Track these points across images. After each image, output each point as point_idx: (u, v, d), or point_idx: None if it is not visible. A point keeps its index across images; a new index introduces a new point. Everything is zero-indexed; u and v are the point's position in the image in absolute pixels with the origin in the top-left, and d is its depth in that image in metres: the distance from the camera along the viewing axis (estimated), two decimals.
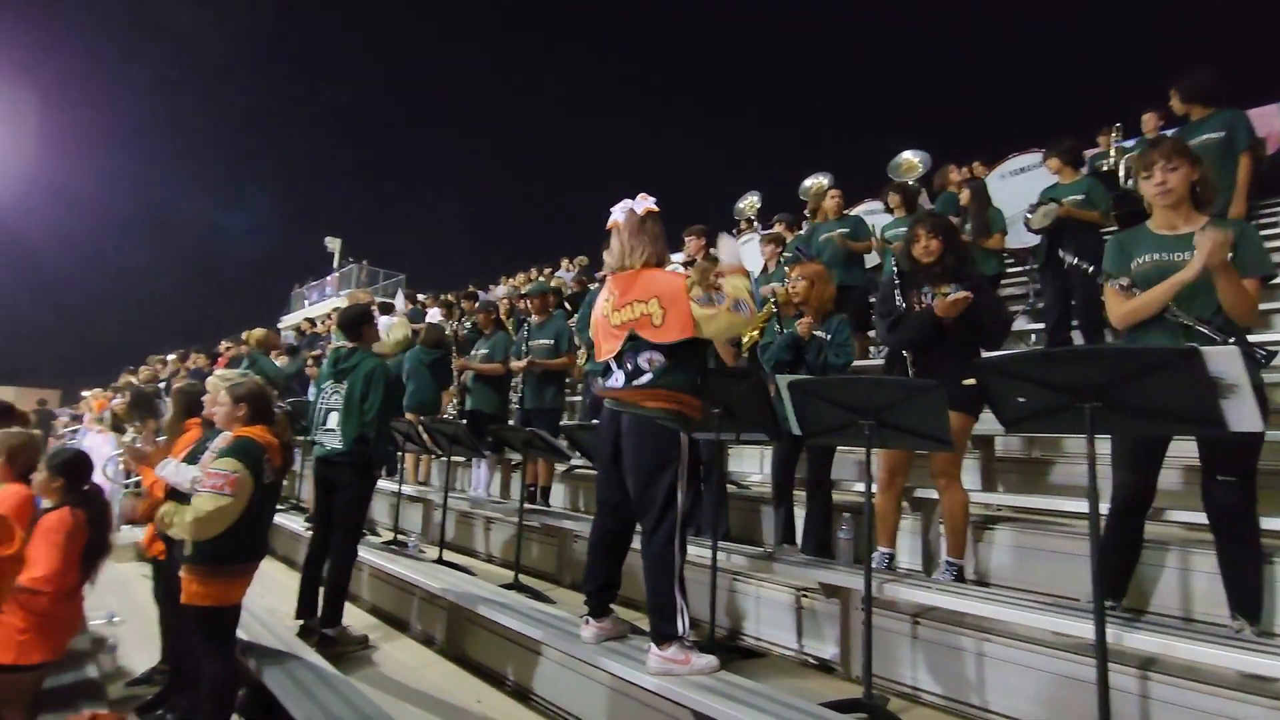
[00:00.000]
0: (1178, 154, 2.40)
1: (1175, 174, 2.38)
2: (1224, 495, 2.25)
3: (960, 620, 2.52)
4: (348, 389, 3.72)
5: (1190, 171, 2.39)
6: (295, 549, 5.55)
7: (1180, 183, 2.38)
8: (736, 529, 4.10)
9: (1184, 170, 2.38)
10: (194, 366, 8.67)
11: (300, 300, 25.21)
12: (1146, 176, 2.44)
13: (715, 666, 2.32)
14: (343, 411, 3.68)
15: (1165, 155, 2.40)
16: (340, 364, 3.80)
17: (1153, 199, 2.46)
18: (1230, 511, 2.26)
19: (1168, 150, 2.42)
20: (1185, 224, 2.40)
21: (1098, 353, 2.08)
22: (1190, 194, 2.40)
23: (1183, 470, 3.21)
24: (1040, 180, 5.94)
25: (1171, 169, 2.38)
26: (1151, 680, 2.08)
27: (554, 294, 5.86)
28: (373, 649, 3.64)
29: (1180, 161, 2.38)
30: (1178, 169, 2.38)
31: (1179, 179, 2.38)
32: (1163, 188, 2.40)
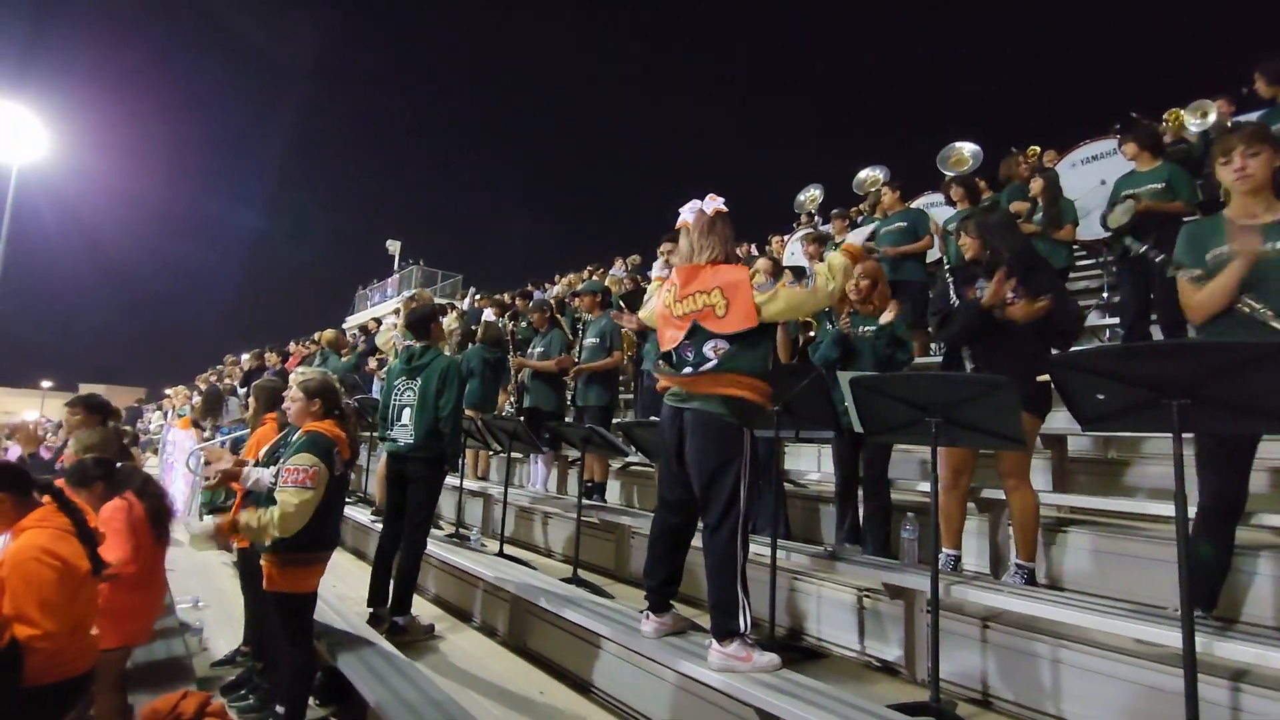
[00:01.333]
0: (1259, 139, 2.30)
1: (1256, 159, 2.29)
2: None
3: (1034, 625, 2.44)
4: (422, 385, 3.85)
5: (1273, 157, 2.29)
6: (362, 540, 5.77)
7: (1261, 168, 2.28)
8: (796, 528, 4.06)
9: (1266, 155, 2.28)
10: (268, 365, 9.09)
11: (364, 301, 26.11)
12: (1225, 162, 2.35)
13: (778, 665, 2.30)
14: (417, 407, 3.82)
15: (1246, 140, 2.30)
16: (414, 361, 3.94)
17: (1231, 185, 2.37)
18: None
19: (1248, 135, 2.32)
20: (1266, 212, 2.28)
21: (1188, 347, 1.98)
22: (1272, 181, 2.29)
23: (1271, 473, 3.03)
24: (1112, 167, 5.67)
25: (1253, 154, 2.29)
26: (1244, 692, 1.97)
27: (604, 293, 5.91)
28: (439, 638, 3.75)
29: (1261, 147, 2.28)
30: (1259, 154, 2.28)
31: (1260, 164, 2.28)
32: (1242, 173, 2.30)
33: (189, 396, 9.89)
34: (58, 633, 2.16)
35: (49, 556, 2.19)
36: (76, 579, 2.26)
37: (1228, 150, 2.34)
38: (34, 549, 2.18)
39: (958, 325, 2.98)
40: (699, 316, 2.46)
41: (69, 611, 2.23)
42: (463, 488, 5.35)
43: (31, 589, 2.12)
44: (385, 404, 3.98)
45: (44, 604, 2.13)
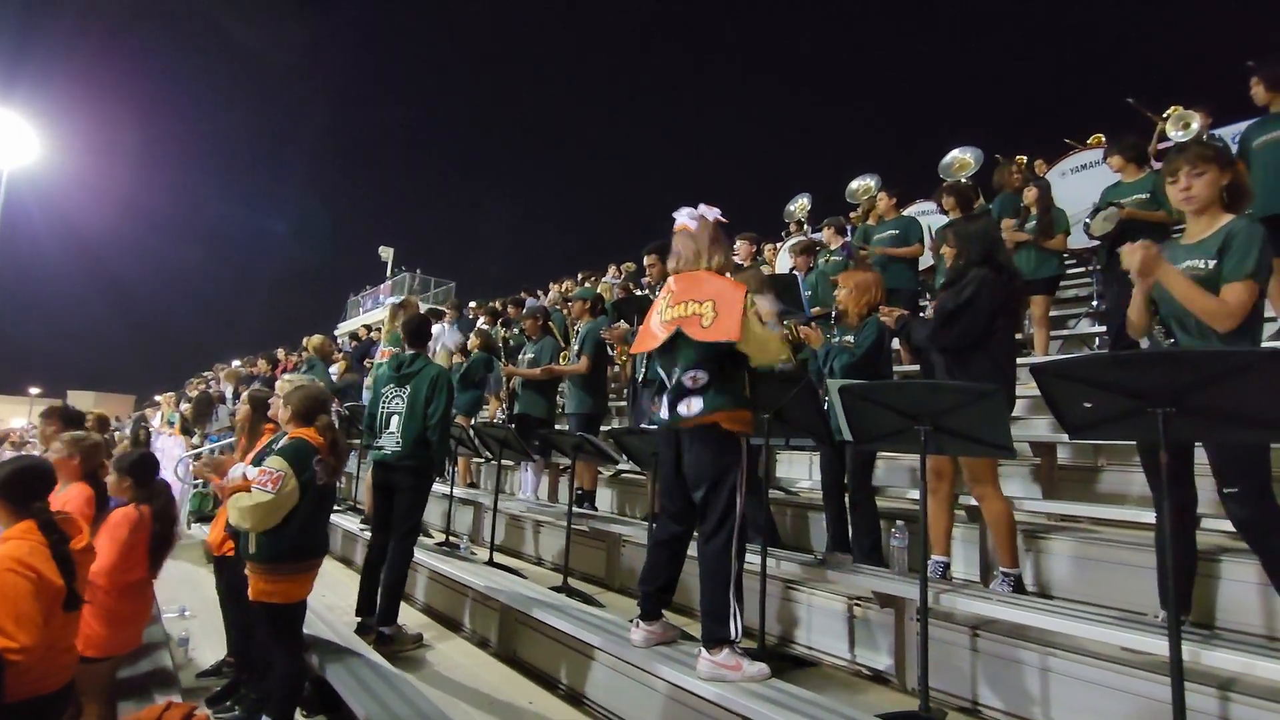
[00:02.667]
0: (1204, 159, 2.32)
1: (1201, 179, 2.32)
2: (1235, 509, 2.17)
3: (1022, 633, 2.44)
4: (411, 393, 3.83)
5: (1219, 176, 2.31)
6: (351, 548, 5.73)
7: (1205, 188, 2.31)
8: (786, 536, 4.05)
9: (1211, 175, 2.31)
10: (258, 373, 9.04)
11: (356, 308, 26.06)
12: (1172, 182, 2.38)
13: (767, 674, 2.30)
14: (405, 415, 3.80)
15: (1191, 160, 2.33)
16: (404, 369, 3.92)
17: (1178, 205, 2.41)
18: (1248, 525, 2.17)
19: (1193, 156, 2.34)
20: (1204, 231, 2.33)
21: (1174, 356, 1.99)
22: (1220, 198, 2.32)
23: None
24: (1100, 178, 5.72)
25: (1197, 174, 2.32)
26: (1232, 701, 1.98)
27: (597, 300, 5.91)
28: (427, 648, 3.72)
29: (1207, 166, 2.31)
30: (1204, 174, 2.31)
31: (1205, 185, 2.31)
32: (1187, 193, 2.34)
33: (178, 403, 9.82)
34: (32, 647, 2.12)
35: (23, 568, 2.15)
36: (50, 594, 2.23)
37: (1174, 170, 2.37)
38: (9, 560, 2.15)
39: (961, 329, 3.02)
40: (683, 323, 2.46)
41: (44, 626, 2.20)
42: (452, 496, 5.32)
43: (6, 601, 2.09)
44: (373, 411, 3.96)
45: (19, 617, 2.09)
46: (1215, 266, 2.23)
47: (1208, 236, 2.31)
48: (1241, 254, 2.19)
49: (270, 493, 2.59)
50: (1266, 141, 4.06)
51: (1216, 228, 2.31)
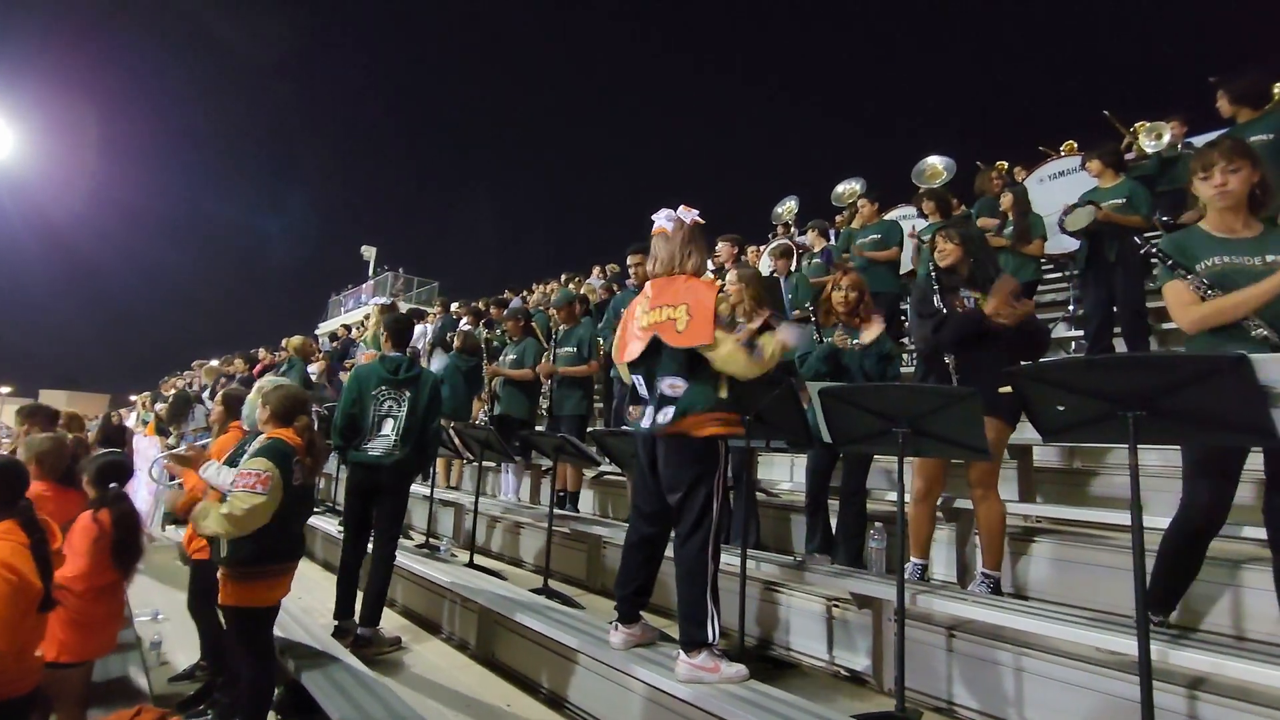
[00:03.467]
0: (1239, 154, 2.30)
1: (1237, 175, 2.29)
2: None
3: (998, 634, 2.46)
4: (412, 398, 3.80)
5: (1251, 174, 2.29)
6: (330, 551, 5.66)
7: (1241, 185, 2.28)
8: (767, 538, 4.06)
9: (1245, 172, 2.28)
10: (235, 372, 8.92)
11: (337, 307, 25.81)
12: (1205, 177, 2.33)
13: (745, 676, 2.30)
14: (405, 420, 3.77)
15: (1226, 156, 2.30)
16: (402, 373, 3.87)
17: (1210, 200, 2.35)
18: None
19: (1228, 150, 2.32)
20: (1244, 228, 2.30)
21: (1143, 360, 2.03)
22: (1249, 197, 2.31)
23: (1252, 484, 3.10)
24: (1078, 184, 5.81)
25: (1233, 170, 2.29)
26: (1200, 701, 2.01)
27: (581, 301, 5.89)
28: (405, 650, 3.69)
29: (1242, 163, 2.29)
30: (1239, 170, 2.28)
31: (1240, 181, 2.28)
32: (1223, 189, 2.30)
33: (153, 403, 9.66)
34: (5, 652, 2.08)
35: (6, 570, 2.11)
36: (30, 597, 2.18)
37: (1209, 165, 2.33)
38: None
39: (951, 331, 3.02)
40: (660, 329, 2.45)
41: (18, 629, 2.15)
42: (433, 497, 5.28)
43: None
44: (354, 412, 3.88)
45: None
46: None
47: (1265, 235, 2.25)
48: None
49: (262, 494, 2.54)
50: None
51: (1258, 229, 2.28)
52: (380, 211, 48.70)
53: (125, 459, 3.40)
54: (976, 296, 3.04)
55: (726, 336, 2.39)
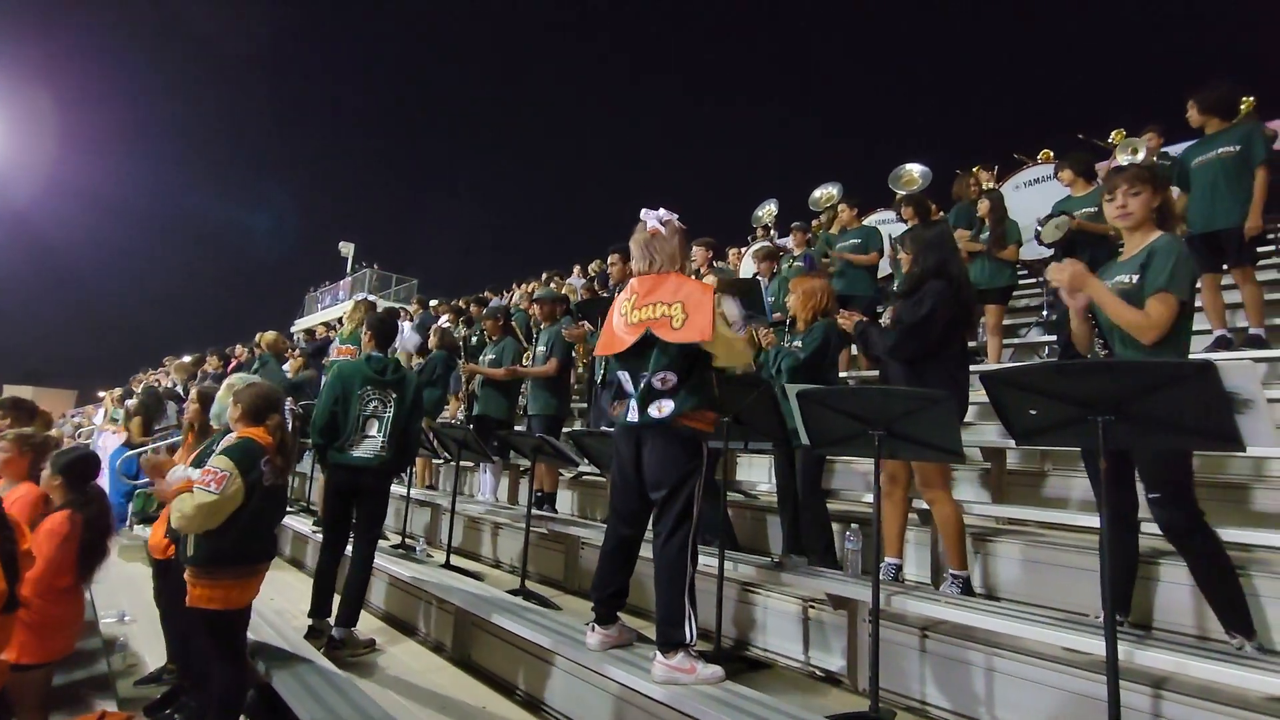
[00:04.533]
0: (1142, 180, 2.44)
1: (1136, 199, 2.43)
2: (1158, 512, 2.27)
3: (969, 634, 2.49)
4: (398, 400, 3.77)
5: (1153, 197, 2.43)
6: (303, 551, 5.59)
7: (1140, 208, 2.43)
8: (744, 539, 4.08)
9: (1146, 195, 2.42)
10: (208, 369, 8.76)
11: (314, 304, 25.46)
12: (1109, 200, 2.49)
13: (721, 676, 2.31)
14: (392, 421, 3.73)
15: (1129, 180, 2.45)
16: (389, 375, 3.82)
17: (1113, 222, 2.53)
18: (1171, 528, 2.27)
19: (1132, 175, 2.47)
20: (1136, 248, 2.45)
21: (1113, 366, 2.07)
22: (1153, 217, 2.45)
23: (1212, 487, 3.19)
24: (1051, 192, 5.92)
25: (1134, 194, 2.43)
26: (1165, 699, 2.05)
27: (562, 301, 5.88)
28: (379, 652, 3.65)
29: (1143, 187, 2.43)
30: (1140, 194, 2.43)
31: (1140, 204, 2.42)
32: (1124, 211, 2.45)
33: (122, 399, 9.45)
34: None
35: None
36: None
37: (1112, 189, 2.49)
38: None
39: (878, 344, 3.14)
40: (654, 324, 2.44)
41: None
42: (409, 497, 5.23)
43: None
44: (335, 411, 3.81)
45: None
46: (1139, 281, 2.34)
47: (1136, 253, 2.43)
48: (1160, 269, 2.31)
49: (214, 493, 2.49)
50: (1203, 162, 4.26)
51: (1145, 244, 2.42)
52: (359, 207, 48.17)
53: (95, 455, 3.33)
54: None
55: (731, 335, 2.47)
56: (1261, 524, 3.01)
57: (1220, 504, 3.17)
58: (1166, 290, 2.28)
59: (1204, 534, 2.27)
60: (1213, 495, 3.15)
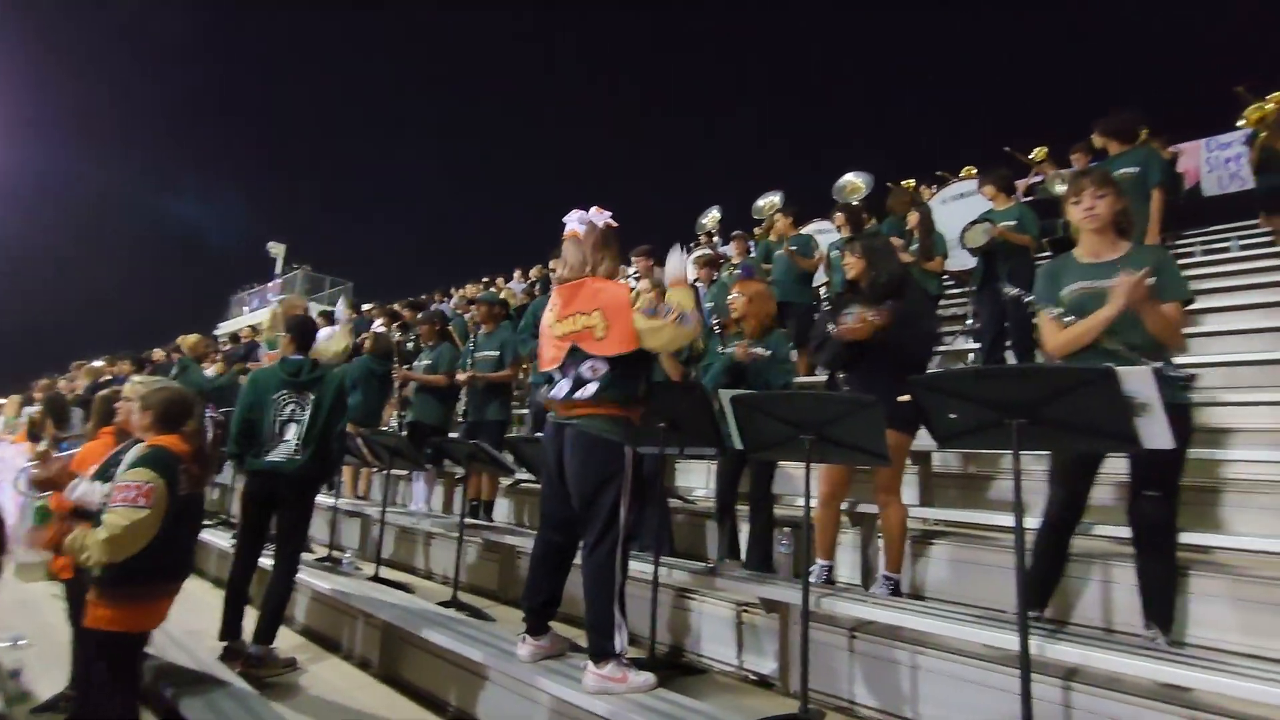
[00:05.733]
0: (1106, 183, 2.50)
1: (1103, 201, 2.48)
2: (1151, 510, 2.34)
3: (896, 634, 2.55)
4: (315, 402, 3.60)
5: (1116, 201, 2.49)
6: (223, 567, 5.29)
7: (1107, 209, 2.48)
8: (682, 544, 4.08)
9: (1111, 199, 2.48)
10: (120, 374, 8.24)
11: (240, 306, 24.33)
12: (1076, 202, 2.53)
13: (653, 684, 2.29)
14: (307, 425, 3.56)
15: (1095, 183, 2.50)
16: (304, 375, 3.65)
17: (1080, 224, 2.55)
18: (1155, 525, 2.36)
19: (1098, 178, 2.52)
20: (1109, 251, 2.49)
21: (1025, 371, 2.16)
22: (1115, 222, 2.50)
23: (1114, 487, 3.35)
24: (975, 206, 6.21)
25: (1100, 196, 2.48)
26: (1074, 690, 2.14)
27: (501, 305, 5.78)
28: (301, 671, 3.48)
29: (1108, 190, 2.49)
30: (1105, 197, 2.48)
31: (1106, 206, 2.48)
32: (1090, 213, 2.49)
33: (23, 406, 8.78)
34: None
35: None
36: None
37: (1079, 191, 2.52)
38: None
39: (827, 355, 3.15)
40: (578, 338, 2.43)
41: None
42: (337, 508, 5.03)
43: None
44: (252, 418, 3.63)
45: None
46: (1155, 286, 2.29)
47: (1127, 257, 2.42)
48: (1178, 279, 2.40)
49: (145, 508, 2.32)
50: None
51: (1124, 250, 2.47)
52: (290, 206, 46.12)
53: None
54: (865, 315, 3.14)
55: (647, 320, 2.38)
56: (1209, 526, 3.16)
57: None
58: (1187, 299, 2.39)
59: (1174, 532, 2.37)
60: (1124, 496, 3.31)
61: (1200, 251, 7.54)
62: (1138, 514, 2.38)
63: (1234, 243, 7.51)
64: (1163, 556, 2.38)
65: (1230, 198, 8.84)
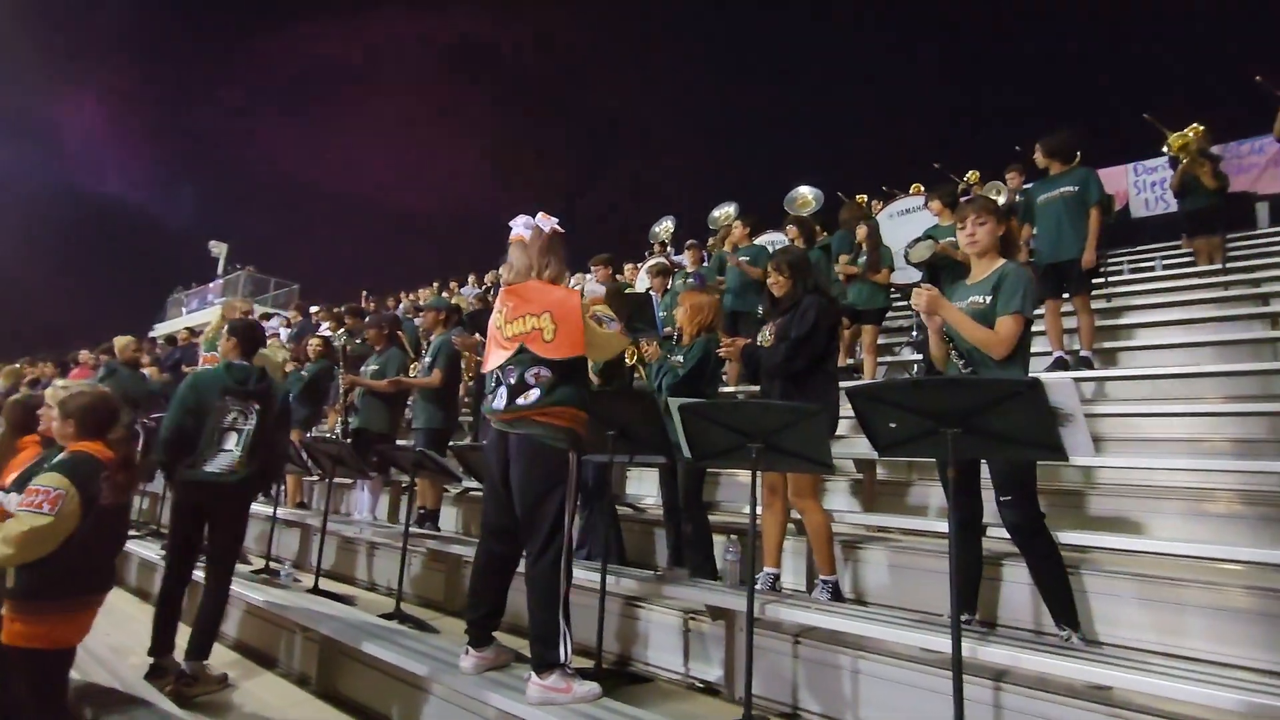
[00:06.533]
0: (987, 210, 2.73)
1: (983, 228, 2.70)
2: (1008, 514, 2.49)
3: (839, 639, 2.59)
4: (262, 411, 3.46)
5: (997, 227, 2.70)
6: (150, 580, 5.05)
7: (986, 236, 2.69)
8: (632, 552, 4.07)
9: (991, 225, 2.70)
10: (41, 377, 7.81)
11: (178, 307, 23.35)
12: (961, 228, 2.76)
13: (598, 694, 2.28)
14: (252, 436, 3.42)
15: (976, 211, 2.72)
16: (251, 384, 3.50)
17: (964, 248, 2.79)
18: (1019, 528, 2.50)
19: (980, 206, 2.75)
20: (982, 274, 2.71)
21: (959, 382, 2.23)
22: (998, 245, 2.71)
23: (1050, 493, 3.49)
24: (921, 221, 6.41)
25: (981, 223, 2.70)
26: (1004, 691, 2.21)
27: (452, 311, 5.69)
28: (234, 689, 3.34)
29: (989, 217, 2.70)
30: (985, 224, 2.69)
31: (986, 233, 2.69)
32: (971, 239, 2.72)
33: None
34: None
35: None
36: None
37: (963, 218, 2.76)
38: None
39: (745, 367, 3.27)
40: (526, 339, 2.42)
41: None
42: (275, 517, 4.86)
43: None
44: (182, 424, 3.47)
45: None
46: (990, 302, 2.57)
47: (986, 276, 2.67)
48: (1011, 292, 2.54)
49: (48, 515, 2.19)
50: (1048, 199, 4.75)
51: (992, 269, 2.67)
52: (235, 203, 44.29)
53: None
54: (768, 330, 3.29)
55: (599, 329, 2.48)
56: (1091, 527, 3.32)
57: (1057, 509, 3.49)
58: (1018, 312, 2.52)
59: (1044, 535, 2.51)
60: (1052, 501, 3.47)
61: (1128, 269, 7.95)
62: (1003, 520, 2.54)
63: (1159, 262, 7.95)
64: (1041, 558, 2.51)
65: (1157, 219, 9.38)
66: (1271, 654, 2.44)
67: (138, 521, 6.26)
